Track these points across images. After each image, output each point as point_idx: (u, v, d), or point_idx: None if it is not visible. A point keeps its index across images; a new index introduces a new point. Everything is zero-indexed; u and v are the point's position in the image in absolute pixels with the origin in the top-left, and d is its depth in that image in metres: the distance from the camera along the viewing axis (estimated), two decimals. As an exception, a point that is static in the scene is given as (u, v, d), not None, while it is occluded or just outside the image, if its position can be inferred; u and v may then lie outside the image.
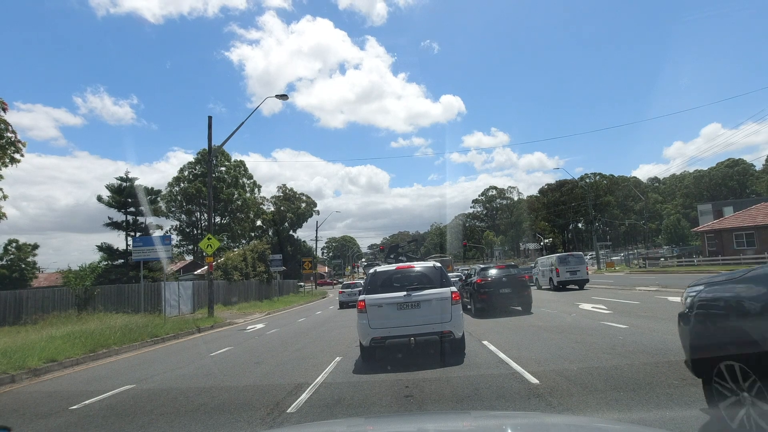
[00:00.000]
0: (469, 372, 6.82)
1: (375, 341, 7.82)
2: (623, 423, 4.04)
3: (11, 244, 32.93)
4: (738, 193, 78.45)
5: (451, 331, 7.75)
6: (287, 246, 66.95)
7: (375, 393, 6.05)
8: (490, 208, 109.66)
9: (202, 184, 49.13)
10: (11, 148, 15.16)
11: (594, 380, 5.74)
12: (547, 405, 4.93)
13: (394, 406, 5.39)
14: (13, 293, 23.28)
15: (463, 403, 5.35)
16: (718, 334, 3.66)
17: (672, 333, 8.60)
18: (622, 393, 5.12)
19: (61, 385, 8.62)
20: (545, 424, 2.54)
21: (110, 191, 27.96)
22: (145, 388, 7.61)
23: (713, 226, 40.79)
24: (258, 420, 5.29)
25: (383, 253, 24.81)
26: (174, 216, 54.40)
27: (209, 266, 21.55)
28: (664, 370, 5.98)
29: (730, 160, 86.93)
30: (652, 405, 4.64)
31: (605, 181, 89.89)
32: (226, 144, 21.74)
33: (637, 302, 14.72)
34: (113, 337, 13.10)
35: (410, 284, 8.09)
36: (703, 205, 60.16)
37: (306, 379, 7.21)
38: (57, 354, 10.63)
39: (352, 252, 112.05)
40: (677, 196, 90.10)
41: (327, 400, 5.92)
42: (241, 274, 35.64)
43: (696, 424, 4.18)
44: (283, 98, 21.75)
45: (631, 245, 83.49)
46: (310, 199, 78.18)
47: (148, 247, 21.42)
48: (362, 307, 7.95)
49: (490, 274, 15.58)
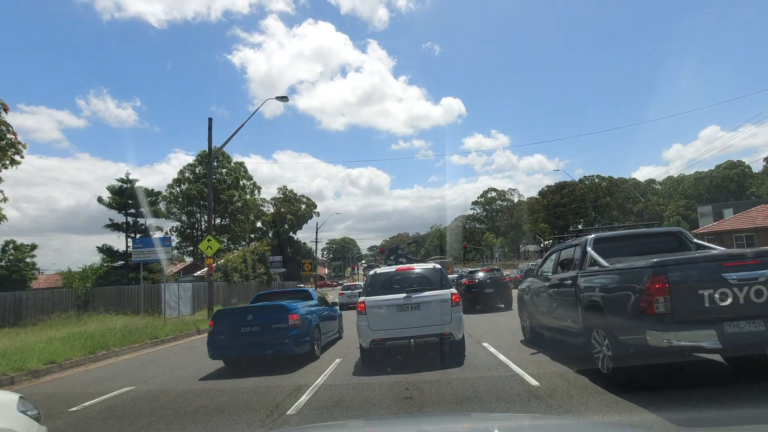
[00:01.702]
0: (469, 374, 6.82)
1: (375, 343, 7.81)
2: (623, 425, 4.04)
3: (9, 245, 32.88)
4: (738, 195, 78.47)
5: (451, 333, 7.74)
6: (287, 247, 66.91)
7: (375, 395, 6.05)
8: (490, 209, 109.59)
9: (203, 186, 49.15)
10: (11, 149, 15.17)
11: (594, 382, 5.73)
12: (547, 407, 4.93)
13: (393, 408, 5.39)
14: (13, 294, 23.24)
15: (462, 405, 5.35)
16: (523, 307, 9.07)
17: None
18: (623, 395, 5.11)
19: (60, 387, 8.61)
20: (545, 426, 2.53)
21: (111, 193, 27.96)
22: (145, 390, 7.60)
23: (713, 228, 40.77)
24: (258, 422, 5.28)
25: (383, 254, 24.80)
26: (174, 217, 54.39)
27: (209, 268, 21.52)
28: (664, 371, 5.97)
29: (730, 162, 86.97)
30: (653, 407, 4.63)
31: (605, 183, 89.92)
32: (227, 146, 21.76)
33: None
34: (113, 338, 13.08)
35: (410, 286, 8.08)
36: (703, 207, 60.13)
37: (306, 381, 7.21)
38: (57, 356, 10.63)
39: (352, 254, 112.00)
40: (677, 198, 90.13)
41: (327, 401, 5.92)
42: (241, 275, 35.61)
43: (697, 425, 4.18)
44: (283, 100, 21.76)
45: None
46: (310, 201, 78.22)
47: (148, 249, 21.40)
48: (362, 308, 7.95)
49: (477, 276, 18.35)
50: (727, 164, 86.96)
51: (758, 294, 4.58)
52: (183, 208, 54.30)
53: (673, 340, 4.57)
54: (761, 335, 4.53)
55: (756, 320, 4.56)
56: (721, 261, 4.89)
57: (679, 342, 4.56)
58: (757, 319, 4.56)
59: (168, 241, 23.42)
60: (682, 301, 4.67)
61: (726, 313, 4.59)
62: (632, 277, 5.12)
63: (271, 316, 8.63)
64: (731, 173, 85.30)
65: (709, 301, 4.62)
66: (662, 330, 4.61)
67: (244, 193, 58.29)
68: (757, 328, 4.54)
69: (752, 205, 44.30)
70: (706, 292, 4.64)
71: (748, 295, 4.60)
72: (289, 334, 8.50)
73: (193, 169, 54.97)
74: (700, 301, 4.64)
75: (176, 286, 26.41)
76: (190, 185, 52.76)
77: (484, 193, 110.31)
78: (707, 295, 4.63)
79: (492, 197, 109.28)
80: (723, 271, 4.70)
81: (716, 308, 4.61)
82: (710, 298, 4.62)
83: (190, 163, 55.80)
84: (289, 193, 76.28)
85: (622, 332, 5.21)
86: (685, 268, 4.85)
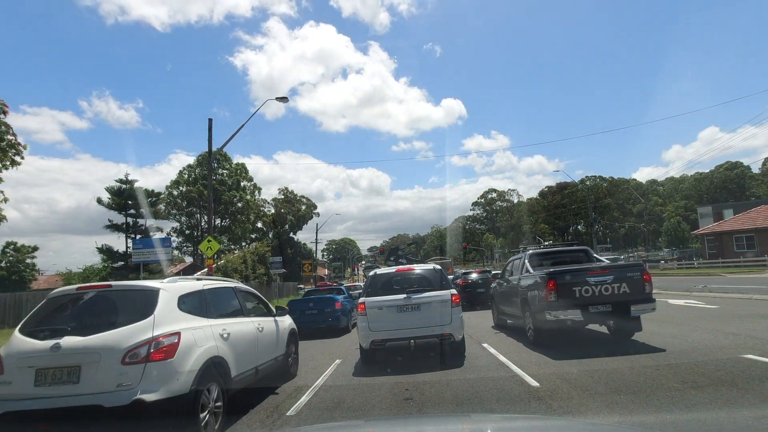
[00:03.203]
0: (469, 375, 6.81)
1: (375, 344, 7.80)
2: (624, 426, 4.03)
3: (9, 247, 32.84)
4: (738, 196, 78.44)
5: (451, 334, 7.73)
6: (287, 248, 66.88)
7: (375, 396, 6.04)
8: (490, 210, 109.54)
9: (202, 187, 49.14)
10: (12, 150, 15.17)
11: (594, 383, 5.73)
12: (547, 408, 4.92)
13: (394, 409, 5.38)
14: (13, 295, 23.22)
15: (463, 405, 5.34)
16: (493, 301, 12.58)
17: (673, 336, 8.59)
18: (623, 396, 5.11)
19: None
20: (546, 427, 2.52)
21: (110, 194, 27.96)
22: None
23: (713, 228, 40.76)
24: (257, 423, 5.27)
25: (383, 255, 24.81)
26: (174, 218, 54.40)
27: (209, 268, 21.50)
28: (664, 373, 5.97)
29: (730, 163, 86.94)
30: (653, 408, 4.63)
31: (605, 184, 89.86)
32: (228, 147, 21.77)
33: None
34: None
35: (410, 287, 8.07)
36: (703, 208, 60.10)
37: (305, 382, 7.20)
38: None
39: (352, 254, 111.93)
40: (677, 199, 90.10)
41: (327, 402, 5.91)
42: (241, 276, 35.57)
43: (697, 428, 4.17)
44: (283, 100, 21.75)
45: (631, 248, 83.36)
46: (310, 202, 78.20)
47: (148, 249, 21.43)
48: (362, 309, 7.94)
49: (470, 277, 20.47)
50: (727, 165, 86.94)
51: (606, 290, 7.77)
52: (182, 210, 54.28)
53: (559, 316, 7.76)
54: (608, 315, 7.88)
55: (605, 305, 7.76)
56: (586, 270, 8.03)
57: (561, 317, 7.76)
58: (605, 304, 7.76)
59: (168, 241, 23.44)
60: (563, 294, 7.79)
61: (588, 301, 7.75)
62: (540, 280, 8.25)
63: (324, 304, 13.69)
64: (731, 174, 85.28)
65: (578, 294, 7.77)
66: (552, 310, 7.80)
67: (245, 193, 58.28)
68: (606, 309, 7.78)
69: (752, 205, 44.33)
70: (577, 288, 7.79)
71: (600, 291, 7.77)
72: (335, 315, 13.45)
73: (192, 171, 54.96)
74: (573, 293, 7.78)
75: (176, 286, 26.36)
76: (190, 186, 52.73)
77: (485, 194, 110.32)
78: (577, 290, 7.79)
79: (492, 198, 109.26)
80: (587, 276, 7.84)
81: (582, 298, 7.75)
82: (579, 292, 7.78)
83: (190, 165, 55.80)
84: (289, 194, 76.28)
85: (536, 313, 8.32)
86: (565, 275, 7.95)
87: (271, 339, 6.79)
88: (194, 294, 5.36)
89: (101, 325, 4.54)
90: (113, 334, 4.37)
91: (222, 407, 4.95)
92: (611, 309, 7.74)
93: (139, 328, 4.44)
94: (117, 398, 4.12)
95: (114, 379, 4.18)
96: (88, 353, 4.26)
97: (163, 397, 4.20)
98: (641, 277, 7.89)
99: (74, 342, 4.33)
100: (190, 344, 4.64)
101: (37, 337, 4.50)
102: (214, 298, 5.78)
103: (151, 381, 4.22)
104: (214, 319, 5.39)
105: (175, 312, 4.85)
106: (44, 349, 4.31)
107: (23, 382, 4.28)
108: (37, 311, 4.90)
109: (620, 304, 7.74)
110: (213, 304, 5.62)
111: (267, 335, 6.64)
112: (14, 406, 4.25)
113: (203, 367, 4.65)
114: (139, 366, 4.23)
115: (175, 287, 5.15)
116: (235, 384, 5.37)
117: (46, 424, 4.34)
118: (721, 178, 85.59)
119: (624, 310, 7.74)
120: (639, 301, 7.77)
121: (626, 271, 8.00)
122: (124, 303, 4.85)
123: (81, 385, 4.19)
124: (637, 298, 7.78)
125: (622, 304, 7.73)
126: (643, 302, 7.77)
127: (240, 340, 5.68)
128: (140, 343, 4.32)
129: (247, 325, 6.09)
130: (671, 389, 5.22)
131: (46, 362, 4.28)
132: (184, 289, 5.25)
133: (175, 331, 4.57)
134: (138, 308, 4.68)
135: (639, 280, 7.87)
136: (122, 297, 4.94)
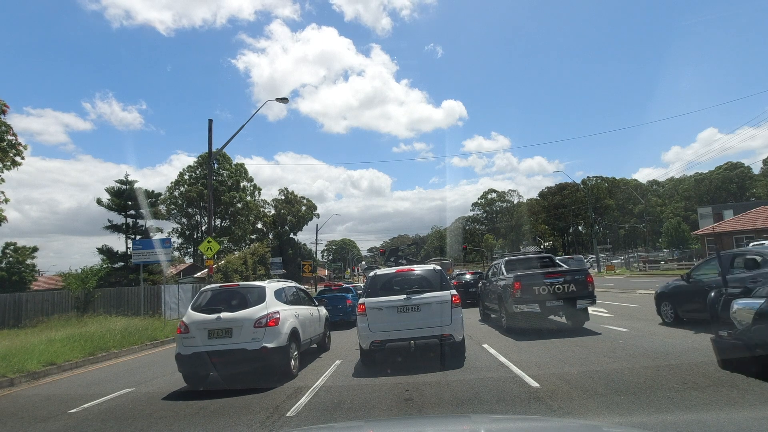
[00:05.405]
0: (469, 375, 6.80)
1: (375, 344, 7.80)
2: (624, 427, 4.03)
3: (9, 247, 32.78)
4: (738, 197, 78.39)
5: (451, 335, 7.73)
6: (287, 249, 66.90)
7: (375, 396, 6.03)
8: (490, 211, 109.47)
9: (202, 188, 49.16)
10: (12, 150, 15.16)
11: (594, 384, 5.73)
12: (547, 408, 4.92)
13: (394, 410, 5.37)
14: (13, 296, 23.20)
15: (463, 406, 5.34)
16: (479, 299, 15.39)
17: (673, 336, 8.59)
18: (623, 396, 5.11)
19: (60, 389, 8.59)
20: (546, 428, 2.52)
21: (110, 194, 27.90)
22: (145, 392, 7.59)
23: (713, 229, 40.74)
24: (257, 423, 5.27)
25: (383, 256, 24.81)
26: (174, 219, 54.39)
27: (209, 269, 21.50)
28: (665, 373, 5.96)
29: (730, 164, 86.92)
30: (653, 409, 4.62)
31: (606, 184, 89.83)
32: (230, 148, 21.88)
33: (638, 305, 14.69)
34: (113, 340, 13.07)
35: (410, 287, 8.07)
36: (703, 208, 60.10)
37: (305, 383, 7.20)
38: (56, 357, 10.61)
39: (352, 255, 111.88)
40: (677, 199, 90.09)
41: (327, 403, 5.91)
42: (241, 276, 35.57)
43: (697, 428, 4.16)
44: (284, 101, 21.75)
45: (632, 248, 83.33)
46: (310, 203, 78.19)
47: (148, 250, 21.35)
48: (362, 310, 7.94)
49: (464, 278, 21.94)
50: (727, 165, 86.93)
51: (558, 289, 10.11)
52: (182, 210, 54.29)
53: (524, 308, 10.15)
54: (559, 308, 10.30)
55: (558, 300, 10.05)
56: (544, 274, 10.52)
57: (523, 309, 10.16)
58: (558, 300, 10.05)
59: (168, 242, 23.36)
60: (525, 291, 10.17)
61: (544, 298, 10.08)
62: (509, 281, 10.66)
63: (337, 301, 16.26)
64: (731, 174, 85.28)
65: (537, 292, 10.12)
66: (518, 304, 10.19)
67: (245, 194, 58.31)
68: (559, 304, 10.12)
69: (752, 206, 44.30)
70: (536, 287, 10.17)
71: (554, 289, 10.11)
72: (346, 310, 16.04)
73: (192, 171, 54.99)
74: (533, 291, 10.15)
75: (176, 287, 26.36)
76: (190, 187, 52.76)
77: (485, 195, 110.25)
78: (536, 289, 10.17)
79: (492, 198, 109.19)
80: (544, 278, 10.28)
81: (540, 295, 10.10)
82: (538, 290, 10.16)
83: (190, 165, 55.86)
84: (289, 195, 76.28)
85: (507, 307, 10.72)
86: (527, 277, 10.44)
87: (318, 320, 10.12)
88: (280, 290, 8.51)
89: (239, 306, 7.68)
90: (248, 311, 7.52)
91: (298, 356, 8.14)
92: (563, 303, 10.12)
93: (260, 308, 7.58)
94: (253, 345, 7.26)
95: (250, 336, 7.31)
96: (236, 321, 7.41)
97: (275, 345, 7.39)
98: (585, 279, 10.29)
99: (228, 315, 7.47)
100: (284, 319, 7.77)
101: (205, 312, 7.62)
102: (288, 292, 8.94)
103: (269, 337, 7.38)
104: (291, 305, 8.55)
105: (275, 300, 7.97)
106: (212, 319, 7.44)
107: (201, 338, 7.38)
108: (197, 298, 8.07)
109: (569, 300, 10.07)
110: (288, 296, 8.80)
111: (316, 318, 9.92)
112: (198, 349, 7.30)
113: (290, 333, 7.84)
114: (262, 329, 7.37)
115: (272, 286, 8.30)
116: (302, 347, 8.56)
117: (218, 358, 7.24)
118: (721, 179, 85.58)
119: (572, 305, 10.11)
120: (583, 297, 10.15)
121: (574, 275, 10.34)
122: (248, 294, 7.88)
123: (233, 339, 7.33)
124: (582, 294, 10.13)
125: (570, 299, 10.07)
126: (586, 298, 10.19)
127: (305, 319, 8.92)
128: (262, 316, 7.46)
129: (307, 310, 9.36)
130: (671, 390, 5.21)
131: (213, 326, 7.41)
132: (276, 287, 8.44)
133: (277, 311, 7.72)
134: (256, 297, 7.79)
135: (584, 281, 10.23)
136: (246, 290, 8.00)
